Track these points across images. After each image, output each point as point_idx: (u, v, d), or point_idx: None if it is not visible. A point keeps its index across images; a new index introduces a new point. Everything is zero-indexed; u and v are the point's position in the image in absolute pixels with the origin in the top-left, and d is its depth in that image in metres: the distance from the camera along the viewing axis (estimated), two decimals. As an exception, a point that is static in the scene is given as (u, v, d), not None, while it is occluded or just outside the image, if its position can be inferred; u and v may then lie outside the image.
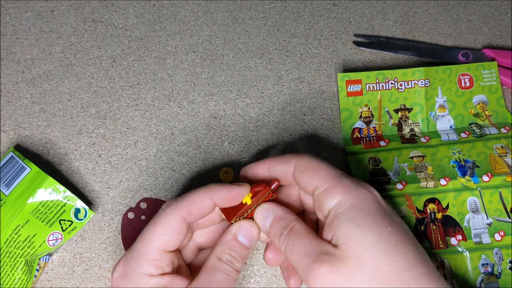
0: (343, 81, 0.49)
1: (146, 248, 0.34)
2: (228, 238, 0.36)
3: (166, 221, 0.35)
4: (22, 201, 0.42)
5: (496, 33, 0.54)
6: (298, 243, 0.33)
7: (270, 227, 0.36)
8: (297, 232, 0.34)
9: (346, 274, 0.30)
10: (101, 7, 0.55)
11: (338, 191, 0.33)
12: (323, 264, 0.31)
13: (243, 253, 0.36)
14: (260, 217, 0.37)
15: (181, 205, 0.35)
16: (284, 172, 0.37)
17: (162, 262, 0.34)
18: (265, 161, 0.39)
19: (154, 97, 0.50)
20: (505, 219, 0.44)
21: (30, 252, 0.41)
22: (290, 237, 0.34)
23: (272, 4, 0.55)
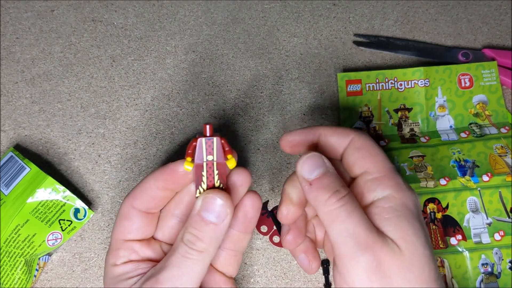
0: (343, 81, 0.49)
1: (111, 239, 0.36)
2: (191, 215, 0.32)
3: (120, 211, 0.36)
4: (21, 200, 0.42)
5: (496, 33, 0.54)
6: (350, 219, 0.30)
7: (318, 179, 0.32)
8: (350, 204, 0.30)
9: (399, 267, 0.29)
10: (100, 7, 0.55)
11: (391, 184, 0.31)
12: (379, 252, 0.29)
13: (210, 231, 0.32)
14: (307, 165, 0.32)
15: (130, 194, 0.35)
16: (338, 144, 0.34)
17: (122, 251, 0.35)
18: (317, 128, 0.36)
19: (153, 96, 0.50)
20: (505, 219, 0.44)
21: (29, 252, 0.41)
22: (343, 208, 0.30)
23: (272, 4, 0.55)
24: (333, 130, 0.35)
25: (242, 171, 0.35)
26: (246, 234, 0.36)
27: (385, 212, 0.30)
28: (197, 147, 0.32)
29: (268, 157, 0.48)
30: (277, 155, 0.48)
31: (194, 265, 0.31)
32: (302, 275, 0.43)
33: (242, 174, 0.34)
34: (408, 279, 0.29)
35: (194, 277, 0.31)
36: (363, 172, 0.33)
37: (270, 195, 0.46)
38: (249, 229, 0.36)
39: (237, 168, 0.34)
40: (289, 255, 0.44)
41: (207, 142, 0.32)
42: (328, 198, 0.31)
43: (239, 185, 0.34)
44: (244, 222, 0.35)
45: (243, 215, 0.35)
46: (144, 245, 0.35)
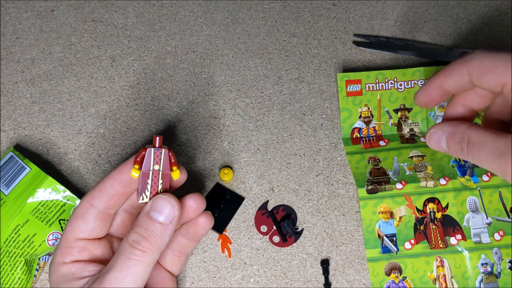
0: (342, 81, 0.49)
1: (61, 237, 0.36)
2: (139, 216, 0.34)
3: (77, 210, 0.36)
4: (21, 200, 0.42)
5: (496, 33, 0.54)
6: (483, 151, 0.31)
7: (448, 148, 0.34)
8: (476, 141, 0.32)
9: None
10: (100, 7, 0.55)
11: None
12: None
13: (157, 231, 0.33)
14: (434, 143, 0.35)
15: (89, 192, 0.36)
16: (460, 84, 0.34)
17: (72, 249, 0.35)
18: (434, 80, 0.35)
19: (153, 96, 0.50)
20: (504, 218, 0.44)
21: (29, 252, 0.41)
22: (472, 150, 0.32)
23: (272, 4, 0.55)
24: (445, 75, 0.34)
25: (197, 197, 0.36)
26: (194, 242, 0.39)
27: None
28: (145, 156, 0.34)
29: (268, 157, 0.48)
30: (277, 155, 0.48)
31: (137, 266, 0.32)
32: (302, 275, 0.44)
33: (197, 200, 0.36)
34: None
35: (137, 278, 0.32)
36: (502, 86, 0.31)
37: (270, 195, 0.46)
38: (197, 241, 0.39)
39: (193, 194, 0.36)
40: (289, 255, 0.44)
41: (155, 152, 0.34)
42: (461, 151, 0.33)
43: (192, 211, 0.36)
44: (193, 236, 0.38)
45: (194, 231, 0.38)
46: (95, 243, 0.36)
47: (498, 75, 0.31)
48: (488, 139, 0.31)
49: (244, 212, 0.46)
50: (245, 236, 0.45)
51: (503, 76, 0.31)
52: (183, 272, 0.44)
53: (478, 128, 0.32)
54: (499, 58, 0.31)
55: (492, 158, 0.30)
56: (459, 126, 0.33)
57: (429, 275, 0.43)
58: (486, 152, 0.31)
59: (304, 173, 0.47)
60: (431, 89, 0.36)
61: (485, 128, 0.32)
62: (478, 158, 0.31)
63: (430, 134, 0.35)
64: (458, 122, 0.34)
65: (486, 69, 0.31)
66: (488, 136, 0.31)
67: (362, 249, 0.44)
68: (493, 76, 0.31)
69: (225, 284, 0.43)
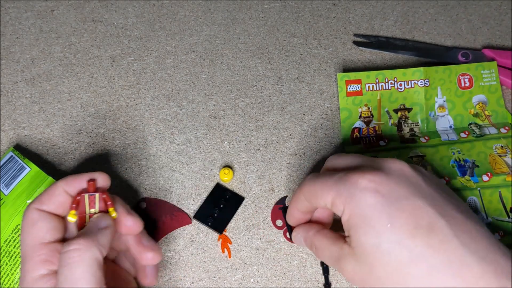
0: (342, 81, 0.49)
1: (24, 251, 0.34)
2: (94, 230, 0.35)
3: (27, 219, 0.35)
4: (21, 200, 0.42)
5: (496, 33, 0.54)
6: (325, 255, 0.38)
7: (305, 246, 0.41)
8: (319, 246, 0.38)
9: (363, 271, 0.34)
10: (100, 7, 0.55)
11: (339, 202, 0.35)
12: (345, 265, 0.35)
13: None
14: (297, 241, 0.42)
15: (36, 198, 0.36)
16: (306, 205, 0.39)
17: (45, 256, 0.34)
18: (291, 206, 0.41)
19: (153, 96, 0.50)
20: (504, 218, 0.44)
21: None
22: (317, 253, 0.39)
23: (271, 4, 0.55)
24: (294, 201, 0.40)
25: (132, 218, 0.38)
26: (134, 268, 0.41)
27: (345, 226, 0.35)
28: (80, 202, 0.36)
29: (268, 157, 0.48)
30: (277, 155, 0.48)
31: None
32: (302, 275, 0.44)
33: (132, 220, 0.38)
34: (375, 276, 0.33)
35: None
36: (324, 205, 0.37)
37: (270, 195, 0.46)
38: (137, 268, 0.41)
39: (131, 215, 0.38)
40: (289, 255, 0.44)
41: (89, 197, 0.37)
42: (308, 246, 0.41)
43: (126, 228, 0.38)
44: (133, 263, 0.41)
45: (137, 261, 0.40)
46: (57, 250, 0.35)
47: (319, 198, 0.37)
48: (326, 246, 0.37)
49: (244, 212, 0.46)
50: (245, 236, 0.45)
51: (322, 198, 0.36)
52: (183, 272, 0.44)
53: (322, 234, 0.39)
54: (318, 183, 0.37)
55: (331, 262, 0.37)
56: (309, 232, 0.40)
57: (429, 275, 0.43)
58: (326, 257, 0.37)
59: (304, 173, 0.47)
60: (293, 213, 0.41)
61: (327, 234, 0.38)
62: (324, 260, 0.38)
63: (293, 236, 0.42)
64: (309, 228, 0.40)
65: (312, 194, 0.37)
66: (326, 243, 0.38)
67: (362, 249, 0.44)
68: (316, 199, 0.37)
69: (225, 284, 0.43)
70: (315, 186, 0.37)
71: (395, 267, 0.32)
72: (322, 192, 0.36)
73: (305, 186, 0.38)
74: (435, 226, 0.32)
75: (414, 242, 0.31)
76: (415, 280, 0.31)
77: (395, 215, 0.32)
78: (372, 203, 0.33)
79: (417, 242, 0.31)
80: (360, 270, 0.34)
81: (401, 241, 0.32)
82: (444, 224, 0.32)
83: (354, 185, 0.34)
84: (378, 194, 0.33)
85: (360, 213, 0.33)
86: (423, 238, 0.31)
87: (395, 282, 0.32)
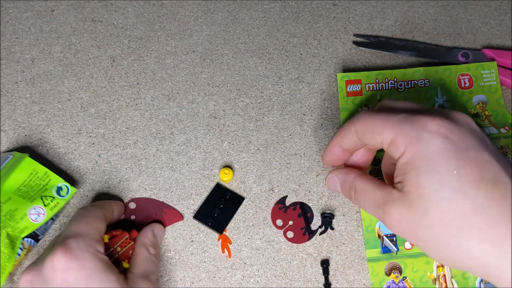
0: (342, 81, 0.49)
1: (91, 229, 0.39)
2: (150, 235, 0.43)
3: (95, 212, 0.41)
4: (2, 182, 0.42)
5: (496, 33, 0.54)
6: (366, 199, 0.36)
7: (342, 192, 0.40)
8: (361, 190, 0.37)
9: (414, 218, 0.32)
10: (100, 7, 0.55)
11: (401, 141, 0.33)
12: (392, 210, 0.33)
13: (158, 246, 0.43)
14: (332, 185, 0.41)
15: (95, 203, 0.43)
16: (353, 142, 0.38)
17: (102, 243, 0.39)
18: (332, 141, 0.40)
19: (153, 96, 0.50)
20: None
21: (11, 224, 0.41)
22: (358, 197, 0.37)
23: (272, 4, 0.55)
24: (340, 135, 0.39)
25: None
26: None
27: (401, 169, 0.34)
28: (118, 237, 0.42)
29: (268, 157, 0.48)
30: (277, 155, 0.48)
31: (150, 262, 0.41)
32: (302, 275, 0.44)
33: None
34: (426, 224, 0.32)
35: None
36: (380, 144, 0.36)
37: (269, 195, 0.46)
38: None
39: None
40: (289, 255, 0.44)
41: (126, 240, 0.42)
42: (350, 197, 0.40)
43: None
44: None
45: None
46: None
47: (377, 134, 0.35)
48: (370, 190, 0.36)
49: (244, 212, 0.46)
50: (245, 236, 0.45)
51: (381, 134, 0.35)
52: (183, 272, 0.44)
53: (364, 178, 0.38)
54: (378, 119, 0.35)
55: (372, 208, 0.36)
56: (348, 175, 0.39)
57: (429, 275, 0.43)
58: (368, 202, 0.36)
59: (304, 173, 0.47)
60: (333, 149, 0.40)
61: (370, 178, 0.37)
62: (363, 205, 0.37)
63: (328, 179, 0.41)
64: (348, 171, 0.40)
65: (367, 128, 0.36)
66: (370, 186, 0.36)
67: (362, 249, 0.44)
68: (373, 134, 0.36)
69: (225, 284, 0.43)
70: (375, 120, 0.35)
71: (454, 215, 0.31)
72: (383, 128, 0.35)
73: (360, 120, 0.36)
74: (500, 180, 0.31)
75: (478, 193, 0.31)
76: (473, 230, 0.30)
77: (462, 164, 0.31)
78: (440, 147, 0.32)
79: (481, 194, 0.31)
80: (410, 217, 0.32)
81: (465, 190, 0.31)
82: (507, 180, 0.31)
83: (423, 127, 0.33)
84: (448, 140, 0.32)
85: (425, 156, 0.32)
86: (487, 190, 0.31)
87: (449, 231, 0.31)
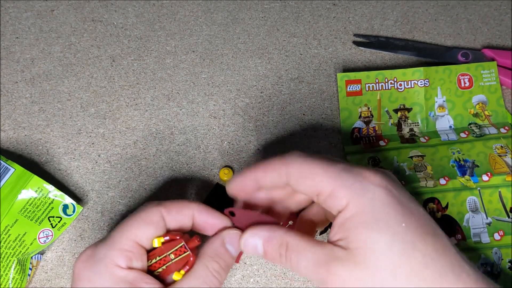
0: (342, 81, 0.49)
1: (119, 236, 0.33)
2: (216, 245, 0.35)
3: (145, 214, 0.34)
4: (8, 201, 0.41)
5: (496, 33, 0.54)
6: (302, 258, 0.32)
7: (265, 253, 0.34)
8: (295, 248, 0.32)
9: (365, 276, 0.30)
10: (100, 7, 0.55)
11: (343, 194, 0.31)
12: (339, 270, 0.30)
13: (229, 263, 0.35)
14: (250, 248, 0.34)
15: (164, 204, 0.35)
16: (277, 182, 0.34)
17: (132, 254, 0.32)
18: (250, 172, 0.35)
19: (153, 96, 0.50)
20: (504, 218, 0.44)
21: (21, 251, 0.41)
22: (291, 257, 0.32)
23: (271, 4, 0.55)
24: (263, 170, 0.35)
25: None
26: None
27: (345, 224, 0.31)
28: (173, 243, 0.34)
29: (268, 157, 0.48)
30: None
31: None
32: (302, 275, 0.44)
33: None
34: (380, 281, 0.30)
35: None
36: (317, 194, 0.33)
37: (270, 195, 0.46)
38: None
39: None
40: (289, 255, 0.44)
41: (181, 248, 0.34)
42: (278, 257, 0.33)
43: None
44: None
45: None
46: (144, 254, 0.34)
47: (316, 182, 0.32)
48: (307, 248, 0.32)
49: (244, 212, 0.46)
50: (245, 236, 0.45)
51: (319, 183, 0.32)
52: (183, 272, 0.44)
53: (296, 235, 0.33)
54: (318, 166, 0.32)
55: (311, 268, 0.31)
56: (276, 231, 0.33)
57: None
58: (305, 261, 0.31)
59: (304, 173, 0.47)
60: (247, 183, 0.35)
61: (302, 235, 0.33)
62: (297, 265, 0.32)
63: (245, 240, 0.34)
64: (275, 227, 0.34)
65: (305, 175, 0.32)
66: (306, 244, 0.32)
67: (362, 249, 0.44)
68: (311, 182, 0.32)
69: (225, 284, 0.43)
70: (315, 167, 0.32)
71: (406, 269, 0.30)
72: (323, 177, 0.32)
73: (297, 163, 0.33)
74: (437, 232, 0.31)
75: (426, 245, 0.30)
76: (427, 282, 0.30)
77: (407, 217, 0.31)
78: (387, 201, 0.31)
79: (428, 246, 0.30)
80: (359, 274, 0.30)
81: (414, 243, 0.30)
82: (442, 233, 0.32)
83: (367, 180, 0.31)
84: (391, 193, 0.31)
85: (372, 210, 0.30)
86: (432, 243, 0.30)
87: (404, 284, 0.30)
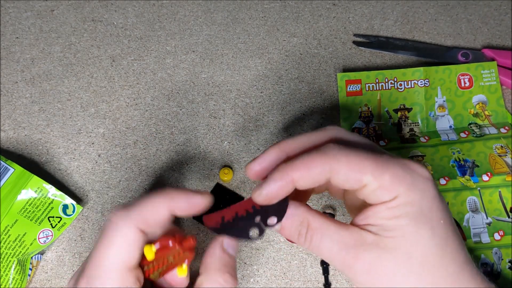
0: (342, 81, 0.49)
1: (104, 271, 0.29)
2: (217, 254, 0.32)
3: (121, 236, 0.29)
4: (8, 201, 0.41)
5: (496, 33, 0.54)
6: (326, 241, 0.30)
7: (283, 229, 0.31)
8: (318, 227, 0.30)
9: (395, 263, 0.28)
10: (100, 7, 0.55)
11: (395, 187, 0.29)
12: (368, 255, 0.29)
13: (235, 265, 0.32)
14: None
15: (134, 215, 0.30)
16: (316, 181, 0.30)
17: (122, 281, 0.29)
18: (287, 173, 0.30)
19: (153, 96, 0.50)
20: (504, 218, 0.44)
21: (21, 251, 0.41)
22: (313, 237, 0.30)
23: (271, 3, 0.55)
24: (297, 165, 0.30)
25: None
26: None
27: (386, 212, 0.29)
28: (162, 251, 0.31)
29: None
30: (277, 155, 0.48)
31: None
32: (302, 275, 0.43)
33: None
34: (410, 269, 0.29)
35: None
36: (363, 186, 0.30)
37: (270, 195, 0.46)
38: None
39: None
40: (289, 255, 0.44)
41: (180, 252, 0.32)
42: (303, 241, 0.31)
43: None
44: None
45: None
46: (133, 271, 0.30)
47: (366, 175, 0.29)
48: (332, 229, 0.30)
49: (244, 212, 0.46)
50: (245, 236, 0.45)
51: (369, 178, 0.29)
52: (183, 272, 0.44)
53: (318, 214, 0.31)
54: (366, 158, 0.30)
55: (336, 250, 0.29)
56: (298, 208, 0.31)
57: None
58: (330, 243, 0.29)
59: (304, 173, 0.47)
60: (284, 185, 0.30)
61: (324, 215, 0.31)
62: (319, 246, 0.30)
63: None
64: (297, 203, 0.31)
65: (354, 168, 0.29)
66: (331, 225, 0.30)
67: (362, 249, 0.44)
68: (360, 176, 0.29)
69: (225, 284, 0.43)
70: (361, 161, 0.29)
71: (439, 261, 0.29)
72: (372, 171, 0.29)
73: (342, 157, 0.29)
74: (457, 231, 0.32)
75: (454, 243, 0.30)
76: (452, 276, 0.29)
77: (444, 213, 0.30)
78: (434, 195, 0.30)
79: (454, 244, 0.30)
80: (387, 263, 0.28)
81: (447, 240, 0.29)
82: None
83: (416, 173, 0.30)
84: (437, 188, 0.31)
85: (420, 203, 0.29)
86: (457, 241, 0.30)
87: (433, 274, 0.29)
